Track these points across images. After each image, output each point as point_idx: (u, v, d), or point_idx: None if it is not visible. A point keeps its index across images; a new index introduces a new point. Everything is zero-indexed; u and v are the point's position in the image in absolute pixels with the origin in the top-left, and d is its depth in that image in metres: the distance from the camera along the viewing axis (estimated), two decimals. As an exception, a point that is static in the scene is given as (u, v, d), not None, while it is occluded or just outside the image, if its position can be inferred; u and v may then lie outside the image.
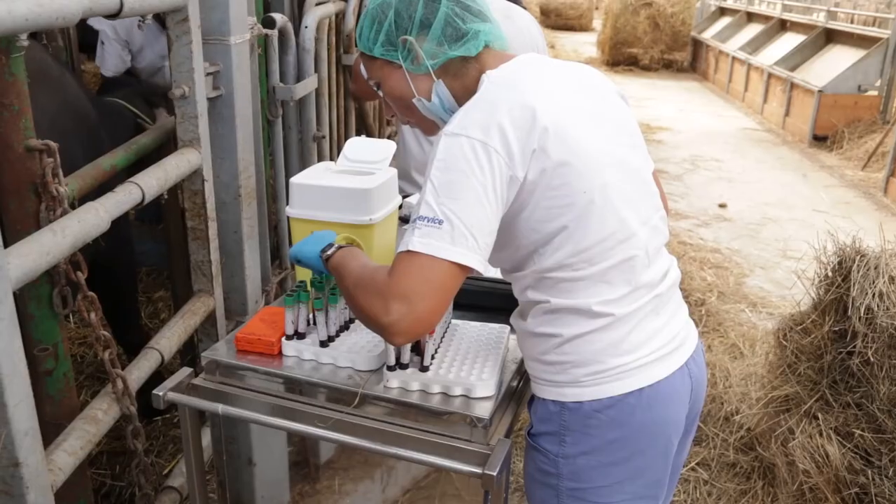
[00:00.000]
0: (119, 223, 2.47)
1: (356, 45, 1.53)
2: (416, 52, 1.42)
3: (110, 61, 3.62)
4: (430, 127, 1.55)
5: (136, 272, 2.87)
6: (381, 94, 1.53)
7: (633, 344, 1.38)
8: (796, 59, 9.67)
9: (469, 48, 1.42)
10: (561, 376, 1.40)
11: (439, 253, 1.22)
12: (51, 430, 1.54)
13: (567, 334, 1.38)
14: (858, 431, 2.36)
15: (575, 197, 1.32)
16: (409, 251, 1.24)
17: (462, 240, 1.23)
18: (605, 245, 1.34)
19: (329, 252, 1.48)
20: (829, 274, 2.54)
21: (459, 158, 1.26)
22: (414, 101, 1.48)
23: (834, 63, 8.96)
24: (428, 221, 1.24)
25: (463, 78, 1.45)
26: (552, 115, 1.31)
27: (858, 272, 2.39)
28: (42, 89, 2.03)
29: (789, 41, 10.47)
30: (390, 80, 1.48)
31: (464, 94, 1.43)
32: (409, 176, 2.76)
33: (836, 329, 2.47)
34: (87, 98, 2.33)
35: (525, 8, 2.86)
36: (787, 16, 11.21)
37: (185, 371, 1.64)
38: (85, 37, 3.77)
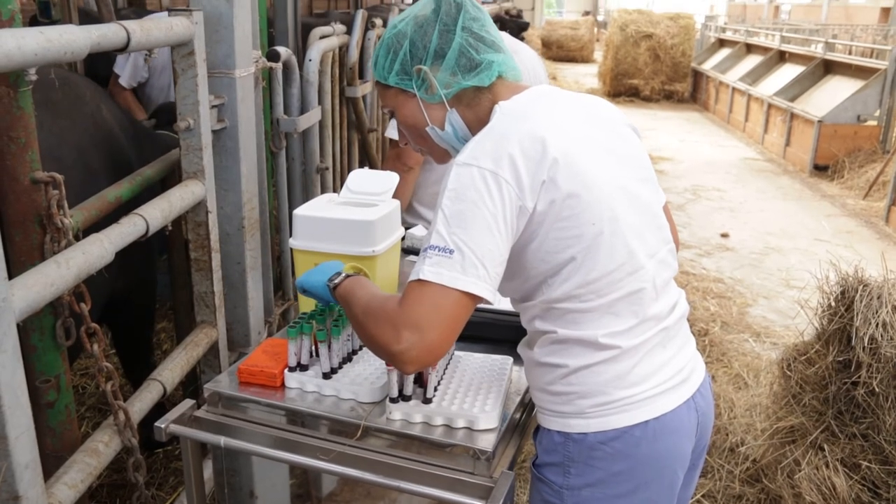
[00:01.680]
0: (147, 264, 2.48)
1: (372, 75, 1.55)
2: (430, 82, 1.44)
3: (129, 71, 3.66)
4: (443, 155, 1.57)
5: (155, 312, 2.85)
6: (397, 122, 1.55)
7: (640, 376, 1.38)
8: (796, 89, 9.75)
9: (482, 78, 1.44)
10: (566, 407, 1.40)
11: (450, 282, 1.23)
12: (51, 463, 1.53)
13: (573, 365, 1.38)
14: (865, 463, 2.34)
15: (584, 228, 1.32)
16: (419, 280, 1.24)
17: (473, 269, 1.24)
18: (613, 277, 1.35)
19: (336, 280, 1.48)
20: (832, 304, 2.53)
21: (470, 188, 1.27)
22: (427, 129, 1.50)
23: (833, 93, 9.03)
24: (439, 251, 1.25)
25: (476, 108, 1.46)
26: (562, 147, 1.32)
27: (861, 302, 2.39)
28: (72, 123, 2.04)
29: (788, 72, 10.56)
30: (404, 109, 1.50)
31: (476, 123, 1.45)
32: (411, 207, 2.77)
33: (841, 359, 2.46)
34: (125, 133, 2.32)
35: (526, 41, 2.91)
36: (785, 47, 11.32)
37: (188, 403, 1.63)
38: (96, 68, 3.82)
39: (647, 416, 1.37)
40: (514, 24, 9.16)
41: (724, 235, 6.35)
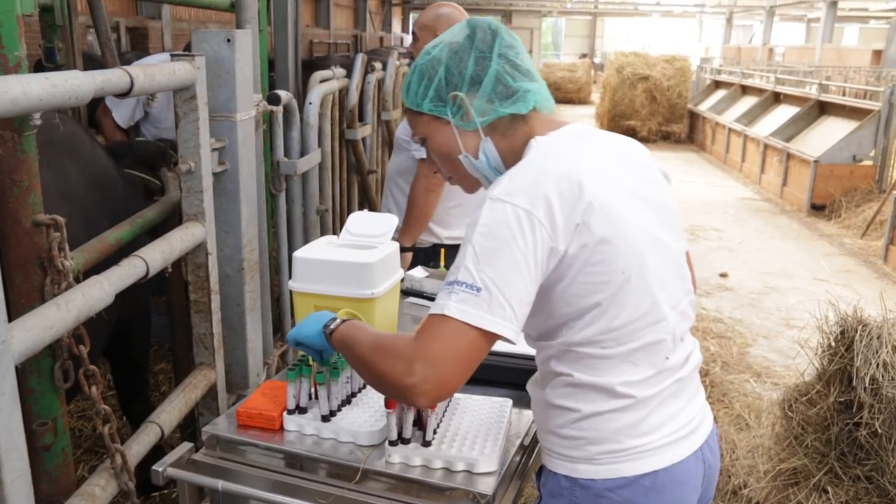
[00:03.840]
0: (140, 293, 2.49)
1: (403, 103, 1.55)
2: (466, 109, 1.41)
3: (126, 110, 3.65)
4: (473, 184, 1.54)
5: (150, 343, 2.87)
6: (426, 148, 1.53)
7: (651, 426, 1.36)
8: (791, 130, 9.85)
9: (519, 107, 1.41)
10: (575, 452, 1.38)
11: (476, 321, 1.21)
12: (47, 508, 1.51)
13: (586, 410, 1.36)
14: (869, 506, 2.32)
15: (612, 275, 1.30)
16: (443, 315, 1.23)
17: (500, 310, 1.22)
18: (635, 325, 1.33)
19: (333, 326, 1.47)
20: (832, 344, 2.53)
21: (503, 226, 1.25)
22: (461, 157, 1.46)
23: (828, 134, 9.12)
24: (466, 287, 1.23)
25: (511, 138, 1.44)
26: (598, 191, 1.30)
27: (861, 342, 2.38)
28: (73, 163, 2.08)
29: (784, 113, 10.68)
30: (437, 136, 1.47)
31: (510, 154, 1.43)
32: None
33: (842, 400, 2.45)
34: (116, 171, 2.38)
35: None
36: (780, 89, 11.46)
37: (186, 446, 1.62)
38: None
39: (656, 465, 1.36)
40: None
41: (723, 275, 6.36)
